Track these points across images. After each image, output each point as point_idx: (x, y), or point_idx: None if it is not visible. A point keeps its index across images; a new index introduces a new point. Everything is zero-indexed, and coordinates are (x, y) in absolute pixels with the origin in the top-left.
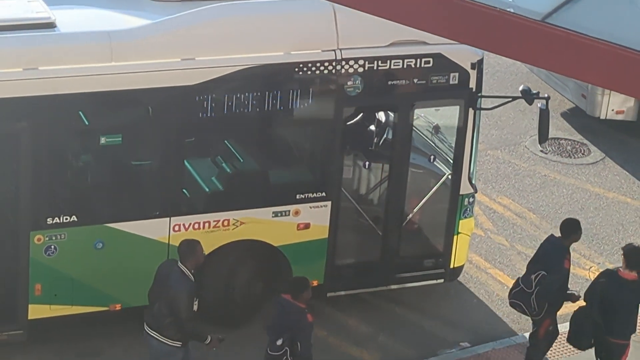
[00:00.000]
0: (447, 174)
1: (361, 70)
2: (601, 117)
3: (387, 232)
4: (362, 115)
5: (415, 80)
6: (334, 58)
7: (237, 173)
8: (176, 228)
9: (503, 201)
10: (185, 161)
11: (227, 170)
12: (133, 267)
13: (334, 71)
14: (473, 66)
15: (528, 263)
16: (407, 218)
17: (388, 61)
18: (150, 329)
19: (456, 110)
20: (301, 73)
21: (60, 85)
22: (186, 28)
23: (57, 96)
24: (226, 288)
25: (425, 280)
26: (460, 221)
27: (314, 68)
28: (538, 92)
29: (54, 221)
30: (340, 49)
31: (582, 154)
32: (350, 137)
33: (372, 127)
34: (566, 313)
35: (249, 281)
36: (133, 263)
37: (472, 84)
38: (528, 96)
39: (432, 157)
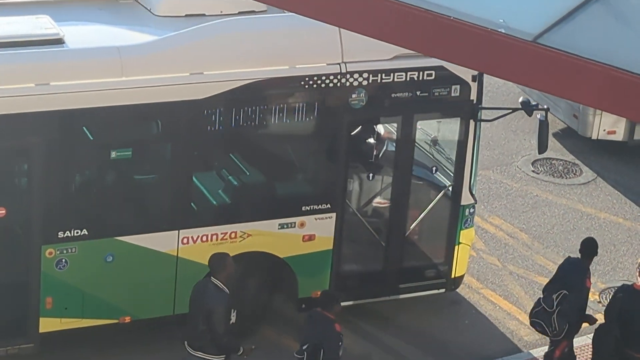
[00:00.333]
0: (448, 185)
1: (365, 83)
2: (593, 138)
3: (391, 243)
4: (366, 127)
5: (418, 92)
6: (339, 71)
7: (244, 186)
8: (185, 241)
9: (495, 221)
10: (193, 174)
11: (234, 183)
12: (142, 280)
13: (339, 84)
14: (474, 78)
15: (546, 285)
16: (410, 229)
17: (391, 74)
18: (192, 349)
19: (457, 122)
20: (307, 86)
21: (71, 100)
22: (194, 43)
23: (69, 111)
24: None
25: (427, 290)
26: (461, 231)
27: (320, 81)
28: (537, 104)
29: (65, 235)
30: (344, 63)
31: (574, 174)
32: (354, 150)
33: (376, 140)
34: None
35: (256, 292)
36: (142, 276)
37: (473, 96)
38: (527, 107)
39: (435, 169)
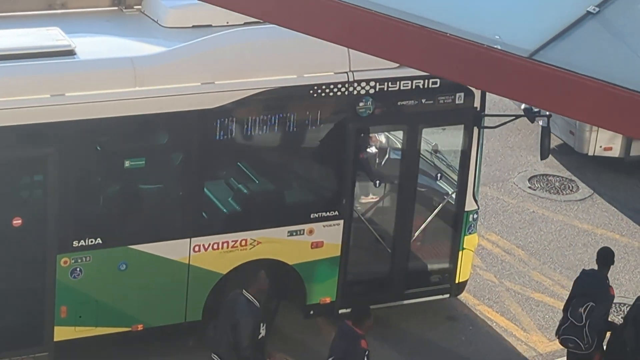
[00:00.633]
0: (452, 192)
1: (372, 91)
2: (589, 154)
3: (396, 249)
4: (373, 135)
5: (423, 100)
6: (347, 80)
7: (254, 193)
8: (196, 248)
9: (491, 237)
10: (205, 183)
11: (244, 191)
12: (154, 288)
13: (347, 93)
14: None
15: (567, 300)
16: (415, 235)
17: (397, 82)
18: None
19: (461, 129)
20: (315, 95)
21: (86, 110)
22: (205, 53)
23: (84, 121)
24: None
25: (431, 295)
26: (465, 237)
27: (328, 90)
28: (539, 110)
29: (80, 244)
30: (352, 71)
31: (571, 191)
32: (361, 157)
33: (382, 147)
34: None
35: (266, 299)
36: (155, 284)
37: (477, 103)
38: (530, 114)
39: (439, 175)
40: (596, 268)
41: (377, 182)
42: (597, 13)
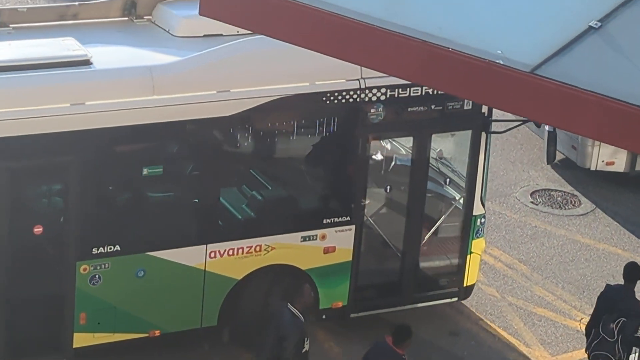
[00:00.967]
0: (461, 196)
1: (383, 98)
2: (591, 169)
3: (406, 254)
4: (383, 141)
5: (432, 106)
6: (358, 87)
7: (268, 200)
8: (212, 255)
9: (494, 252)
10: (220, 189)
11: (259, 197)
12: (171, 294)
13: (358, 100)
14: None
15: (595, 317)
16: (425, 239)
17: (408, 89)
18: None
19: (469, 134)
20: (328, 102)
21: (105, 119)
22: (220, 62)
23: (103, 130)
24: (260, 311)
25: (440, 299)
26: (473, 241)
27: (340, 97)
28: None
29: (99, 251)
30: (363, 78)
31: (573, 205)
32: (372, 163)
33: (392, 153)
34: None
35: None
36: (171, 290)
37: (485, 109)
38: None
39: (448, 180)
40: (621, 283)
41: (388, 188)
42: (599, 28)
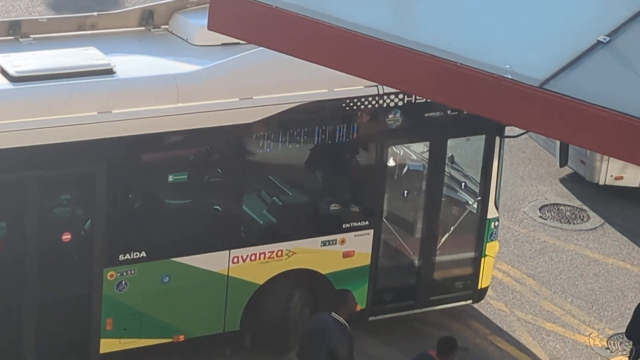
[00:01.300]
0: (475, 200)
1: (400, 103)
2: (600, 183)
3: (423, 257)
4: (401, 146)
5: (448, 111)
6: (377, 93)
7: (289, 205)
8: (235, 260)
9: (502, 267)
10: (243, 195)
11: (280, 203)
12: (196, 299)
13: (377, 105)
14: None
15: (629, 329)
16: (440, 243)
17: None
18: None
19: (483, 139)
20: (347, 109)
21: (132, 126)
22: (243, 69)
23: (129, 137)
24: (281, 315)
25: (455, 301)
26: (487, 244)
27: (359, 103)
28: None
29: (125, 257)
30: (381, 84)
31: (582, 220)
32: (389, 168)
33: (409, 158)
34: None
35: (300, 309)
36: (196, 295)
37: None
38: None
39: (463, 184)
40: None
41: (405, 192)
42: (608, 42)
